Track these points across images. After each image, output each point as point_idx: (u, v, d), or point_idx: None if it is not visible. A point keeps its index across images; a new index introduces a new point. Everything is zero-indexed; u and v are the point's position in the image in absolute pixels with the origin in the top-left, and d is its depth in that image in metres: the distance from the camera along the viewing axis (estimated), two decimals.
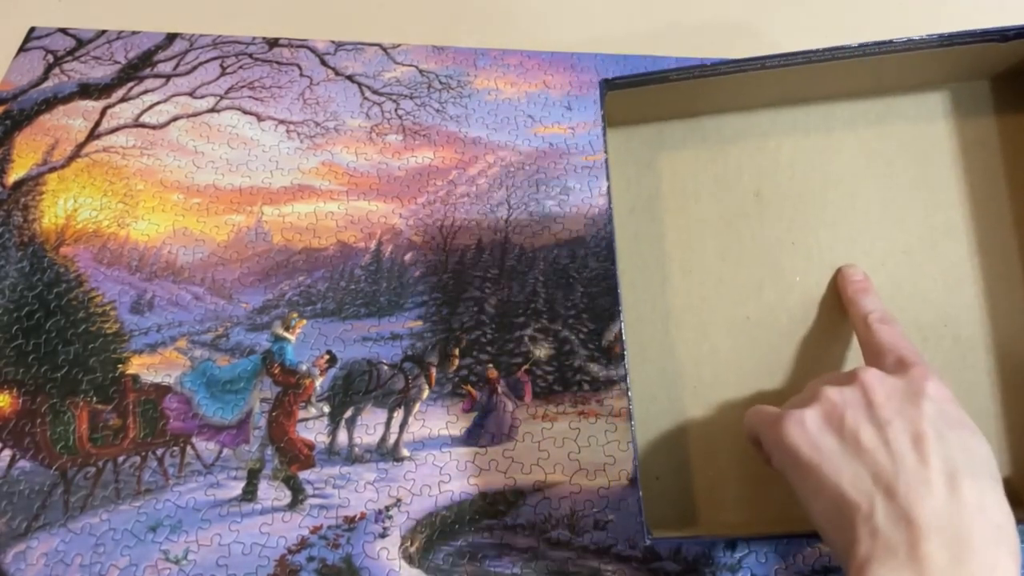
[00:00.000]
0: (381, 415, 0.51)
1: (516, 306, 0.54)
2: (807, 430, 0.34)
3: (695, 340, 0.43)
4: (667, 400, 0.43)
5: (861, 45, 0.37)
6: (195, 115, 0.62)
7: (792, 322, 0.43)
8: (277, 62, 0.64)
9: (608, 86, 0.40)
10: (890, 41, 0.37)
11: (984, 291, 0.42)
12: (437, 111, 0.61)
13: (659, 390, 0.43)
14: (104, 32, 0.66)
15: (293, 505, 0.48)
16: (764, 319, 0.43)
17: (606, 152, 0.41)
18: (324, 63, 0.64)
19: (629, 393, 0.40)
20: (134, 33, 0.66)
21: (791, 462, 0.34)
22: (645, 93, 0.41)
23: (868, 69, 0.40)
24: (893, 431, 0.32)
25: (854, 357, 0.42)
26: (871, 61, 0.39)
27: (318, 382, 0.52)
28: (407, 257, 0.56)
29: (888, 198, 0.43)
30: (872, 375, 0.34)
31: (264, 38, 0.65)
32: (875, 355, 0.37)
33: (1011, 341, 0.41)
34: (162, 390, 0.52)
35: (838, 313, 0.42)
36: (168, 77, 0.64)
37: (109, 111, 0.63)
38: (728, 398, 0.42)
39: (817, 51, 0.38)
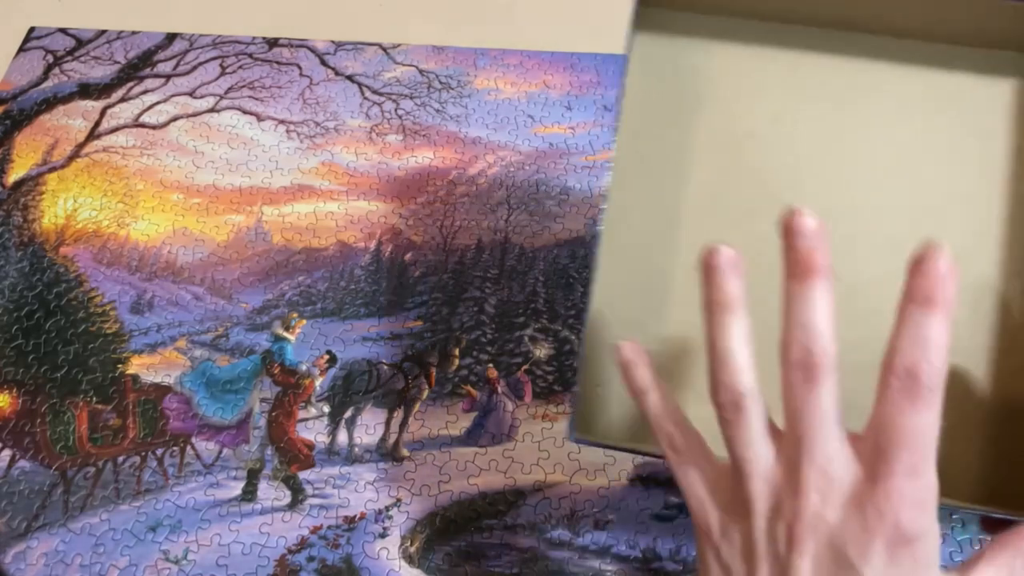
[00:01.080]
0: (381, 415, 0.51)
1: (516, 306, 0.54)
2: (721, 563, 0.28)
3: (674, 255, 0.40)
4: (638, 309, 0.40)
5: None
6: (195, 115, 0.62)
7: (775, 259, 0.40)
8: (277, 62, 0.64)
9: None
10: None
11: (1007, 257, 0.38)
12: (437, 111, 0.61)
13: (633, 294, 0.40)
14: (104, 32, 0.66)
15: (293, 505, 0.48)
16: (751, 248, 0.40)
17: (628, 51, 0.38)
18: (324, 63, 0.64)
19: (593, 287, 0.37)
20: (134, 33, 0.66)
21: (698, 559, 0.30)
22: None
23: (935, 7, 0.37)
24: None
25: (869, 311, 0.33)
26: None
27: (318, 382, 0.52)
28: (407, 257, 0.56)
29: (928, 152, 0.39)
30: (808, 522, 0.26)
31: (264, 38, 0.65)
32: (867, 429, 0.27)
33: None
34: (162, 390, 0.52)
35: (852, 246, 0.38)
36: (168, 77, 0.64)
37: (109, 111, 0.63)
38: (698, 319, 0.40)
39: None
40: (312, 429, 0.51)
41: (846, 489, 0.26)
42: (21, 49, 0.65)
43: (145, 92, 0.63)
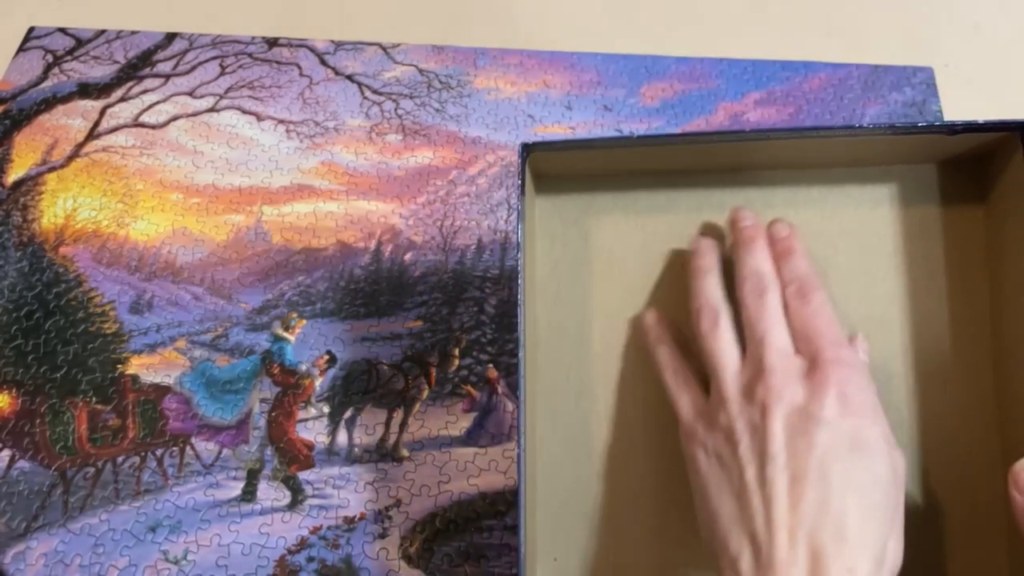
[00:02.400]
0: (381, 415, 0.51)
1: (516, 306, 0.54)
2: (709, 459, 0.35)
3: (608, 416, 0.41)
4: (573, 477, 0.40)
5: (799, 129, 0.37)
6: (194, 115, 0.62)
7: None
8: (277, 62, 0.64)
9: (529, 150, 0.38)
10: (831, 127, 0.37)
11: (912, 393, 0.40)
12: (437, 111, 0.61)
13: (566, 467, 0.40)
14: (103, 32, 0.66)
15: (293, 505, 0.48)
16: None
17: (521, 221, 0.38)
18: (324, 63, 0.64)
19: (522, 464, 0.36)
20: (133, 33, 0.66)
21: (691, 474, 0.36)
22: (576, 155, 0.39)
23: (811, 147, 0.39)
24: (774, 469, 0.32)
25: None
26: (814, 142, 0.38)
27: (318, 382, 0.52)
28: (407, 257, 0.56)
29: (825, 282, 0.40)
30: (774, 397, 0.33)
31: (264, 38, 0.65)
32: (794, 341, 0.35)
33: (934, 445, 0.39)
34: (161, 390, 0.52)
35: None
36: (167, 77, 0.64)
37: (108, 111, 0.62)
38: (638, 480, 0.40)
39: (753, 132, 0.37)
40: (312, 429, 0.51)
41: (797, 368, 0.34)
42: (20, 49, 0.65)
43: (145, 92, 0.63)
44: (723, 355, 0.36)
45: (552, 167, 0.42)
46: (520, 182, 0.38)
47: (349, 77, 0.63)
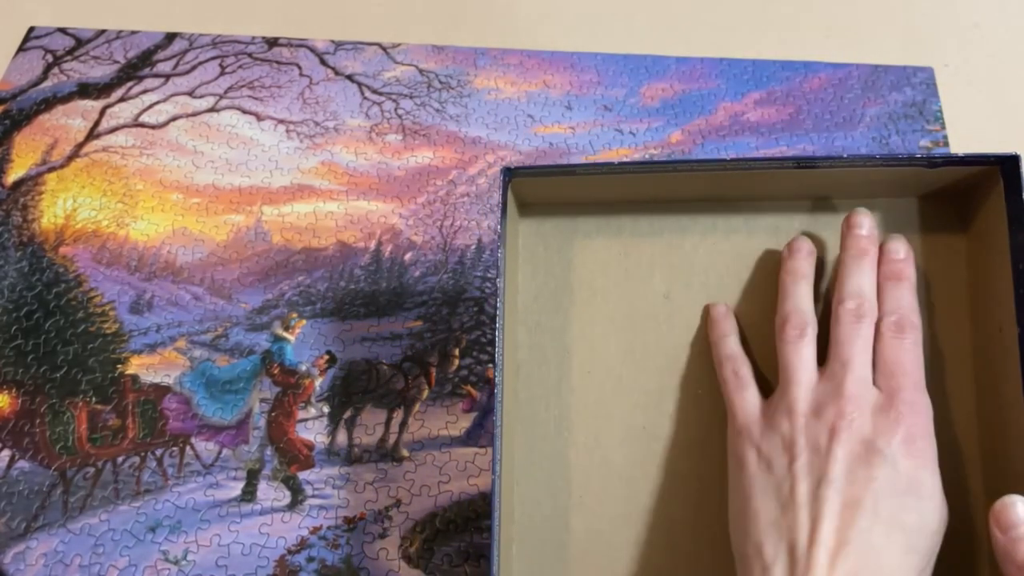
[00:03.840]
0: (381, 415, 0.51)
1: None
2: (760, 460, 0.35)
3: (587, 446, 0.40)
4: (551, 508, 0.40)
5: (780, 159, 0.37)
6: (194, 115, 0.62)
7: (691, 438, 0.40)
8: (276, 62, 0.64)
9: (512, 175, 0.38)
10: (812, 158, 0.37)
11: None
12: (437, 111, 0.61)
13: (543, 497, 0.40)
14: (103, 32, 0.66)
15: (292, 505, 0.48)
16: (661, 431, 0.40)
17: (502, 245, 0.37)
18: (324, 63, 0.64)
19: (493, 495, 0.35)
20: (133, 33, 0.66)
21: (735, 469, 0.36)
22: (557, 181, 0.39)
23: (794, 178, 0.39)
24: (830, 491, 0.32)
25: None
26: (796, 173, 0.38)
27: (317, 382, 0.52)
28: (407, 257, 0.56)
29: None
30: (845, 424, 0.33)
31: (263, 38, 0.65)
32: (875, 371, 0.36)
33: None
34: (161, 390, 0.52)
35: None
36: (167, 77, 0.64)
37: (108, 111, 0.62)
38: (616, 513, 0.40)
39: (731, 160, 0.37)
40: (312, 429, 0.51)
41: (873, 400, 0.34)
42: (20, 49, 0.65)
43: (144, 92, 0.63)
44: (801, 368, 0.36)
45: (535, 195, 0.41)
46: (502, 205, 0.38)
47: (349, 77, 0.63)
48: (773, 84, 0.61)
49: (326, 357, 0.53)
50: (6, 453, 0.50)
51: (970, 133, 0.59)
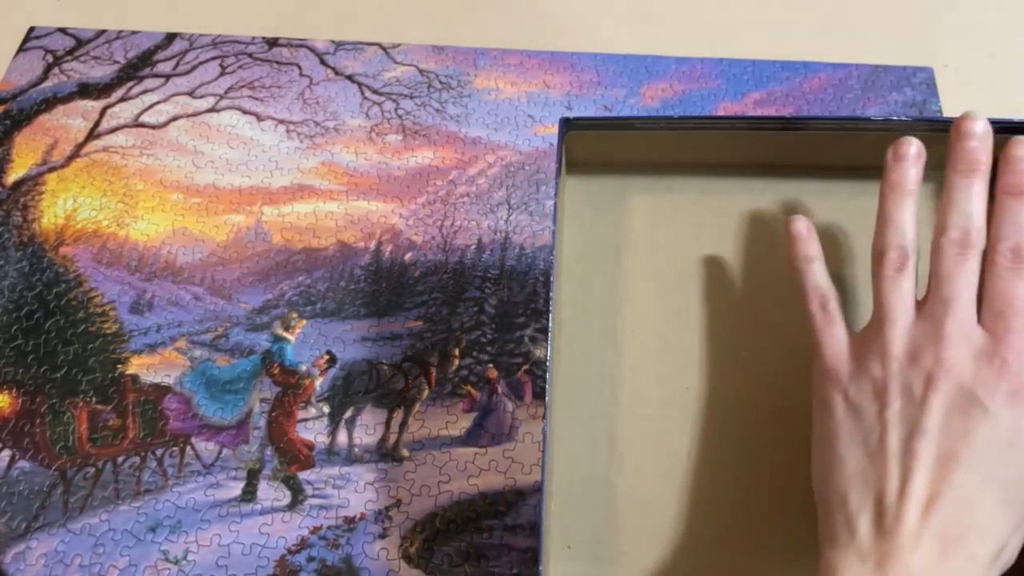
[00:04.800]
0: (381, 415, 0.51)
1: (516, 306, 0.54)
2: (848, 404, 0.33)
3: (629, 404, 0.40)
4: (591, 465, 0.40)
5: (840, 118, 0.36)
6: (195, 115, 0.62)
7: (734, 399, 0.40)
8: (277, 62, 0.64)
9: (569, 126, 0.38)
10: (867, 118, 0.36)
11: None
12: (437, 111, 0.61)
13: (584, 453, 0.40)
14: (103, 32, 0.66)
15: (293, 505, 0.48)
16: (704, 392, 0.40)
17: (556, 196, 0.37)
18: (324, 63, 0.64)
19: (544, 451, 0.35)
20: (133, 33, 0.66)
21: (820, 413, 0.34)
22: (611, 137, 0.39)
23: (846, 142, 0.38)
24: (924, 444, 0.30)
25: (797, 439, 0.37)
26: (849, 136, 0.37)
27: (318, 382, 0.52)
28: (407, 257, 0.56)
29: (851, 280, 0.40)
30: (943, 371, 0.31)
31: (264, 38, 0.65)
32: (984, 306, 0.32)
33: None
34: (161, 390, 0.52)
35: (782, 397, 0.39)
36: (168, 77, 0.64)
37: (108, 111, 0.62)
38: (657, 472, 0.39)
39: (792, 119, 0.36)
40: (312, 429, 0.51)
41: (976, 345, 0.31)
42: (21, 49, 0.65)
43: (145, 92, 0.63)
44: (900, 306, 0.33)
45: (585, 153, 0.41)
46: (558, 157, 0.37)
47: (349, 77, 0.63)
48: (773, 84, 0.61)
49: (326, 357, 0.53)
50: (6, 453, 0.50)
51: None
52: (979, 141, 0.33)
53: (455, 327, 0.53)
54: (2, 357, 0.53)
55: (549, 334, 0.36)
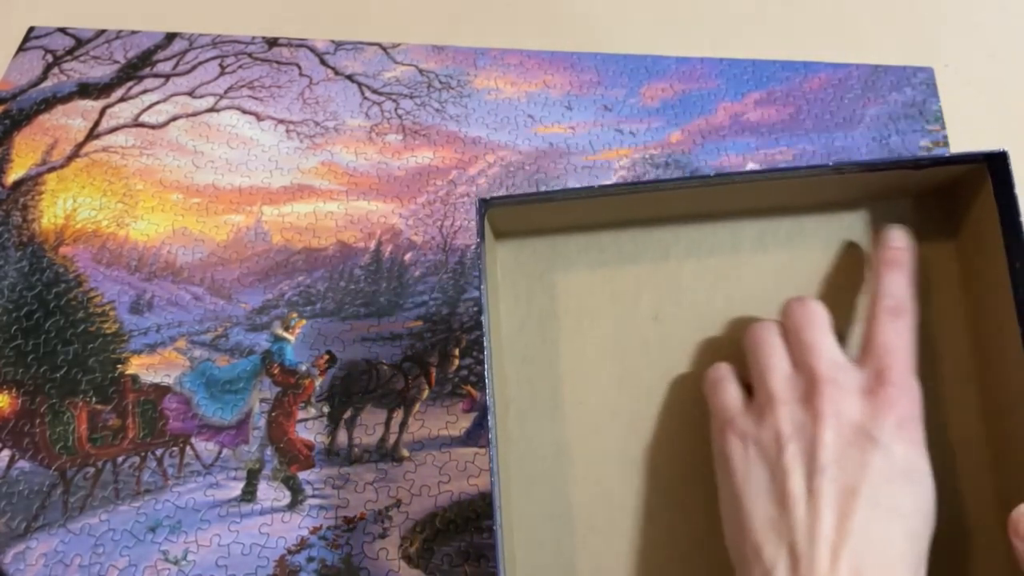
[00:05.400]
0: (381, 415, 0.51)
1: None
2: (747, 455, 0.34)
3: (586, 479, 0.39)
4: (554, 546, 0.39)
5: (764, 171, 0.36)
6: (194, 115, 0.62)
7: (691, 463, 0.38)
8: (276, 61, 0.64)
9: (487, 205, 0.37)
10: (796, 168, 0.36)
11: None
12: (437, 111, 0.61)
13: (546, 535, 0.39)
14: (103, 32, 0.66)
15: (292, 505, 0.48)
16: (660, 458, 0.39)
17: (481, 274, 0.36)
18: (323, 62, 0.64)
19: (498, 532, 0.34)
20: (133, 33, 0.66)
21: (723, 471, 0.35)
22: (535, 209, 0.38)
23: (777, 188, 0.38)
24: (824, 481, 0.31)
25: None
26: (778, 183, 0.37)
27: (317, 382, 0.52)
28: (407, 257, 0.56)
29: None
30: (828, 405, 0.32)
31: (263, 37, 0.65)
32: (865, 353, 0.35)
33: None
34: (161, 390, 0.52)
35: None
36: (167, 77, 0.64)
37: (108, 111, 0.62)
38: (622, 549, 0.38)
39: (714, 176, 0.36)
40: (312, 429, 0.51)
41: (856, 383, 0.33)
42: (20, 49, 0.65)
43: (144, 92, 0.63)
44: (773, 358, 0.35)
45: (512, 224, 0.40)
46: (479, 237, 0.36)
47: (349, 77, 0.63)
48: (773, 84, 0.61)
49: (326, 357, 0.53)
50: (6, 453, 0.50)
51: (970, 133, 0.59)
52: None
53: (455, 327, 0.53)
54: (2, 357, 0.53)
55: (490, 420, 0.35)
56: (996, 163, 0.35)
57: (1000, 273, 0.35)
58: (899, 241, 0.37)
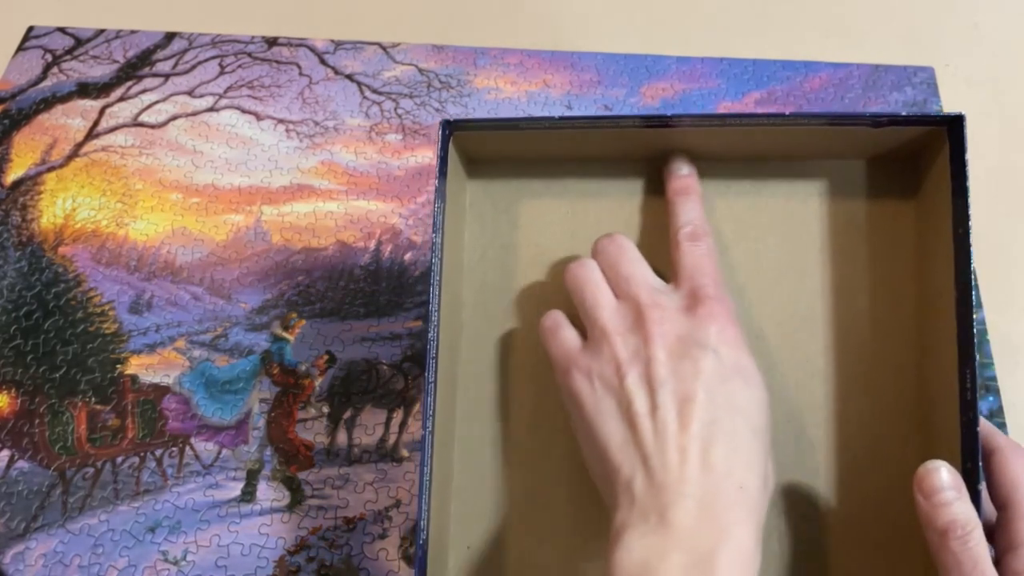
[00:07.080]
0: (380, 415, 0.51)
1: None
2: (594, 389, 0.35)
3: (530, 402, 0.40)
4: (491, 464, 0.40)
5: (726, 115, 0.36)
6: (194, 114, 0.62)
7: None
8: (276, 61, 0.64)
9: (452, 127, 0.38)
10: (757, 115, 0.36)
11: (833, 391, 0.39)
12: (437, 110, 0.61)
13: (484, 452, 0.40)
14: (103, 31, 0.66)
15: (292, 506, 0.48)
16: None
17: (440, 200, 0.37)
18: (323, 62, 0.64)
19: (427, 447, 0.35)
20: (133, 32, 0.66)
21: (574, 410, 0.36)
22: (503, 136, 0.39)
23: (740, 135, 0.38)
24: (664, 394, 0.33)
25: None
26: (742, 131, 0.37)
27: (317, 382, 0.52)
28: (407, 257, 0.56)
29: (753, 276, 0.40)
30: (656, 327, 0.35)
31: (263, 37, 0.65)
32: (676, 278, 0.37)
33: (853, 445, 0.38)
34: (161, 390, 0.52)
35: None
36: (167, 76, 0.64)
37: (108, 110, 0.62)
38: (555, 470, 0.40)
39: (680, 117, 0.37)
40: (312, 429, 0.51)
41: (676, 303, 0.36)
42: (20, 48, 0.65)
43: (144, 91, 0.63)
44: (598, 294, 0.37)
45: (482, 150, 0.41)
46: (440, 160, 0.38)
47: (349, 77, 0.63)
48: (773, 84, 0.61)
49: (326, 357, 0.53)
50: (5, 453, 0.50)
51: (970, 133, 0.58)
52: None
53: None
54: (1, 357, 0.53)
55: (431, 334, 0.36)
56: (954, 127, 0.35)
57: (946, 239, 0.35)
58: (684, 169, 0.40)
